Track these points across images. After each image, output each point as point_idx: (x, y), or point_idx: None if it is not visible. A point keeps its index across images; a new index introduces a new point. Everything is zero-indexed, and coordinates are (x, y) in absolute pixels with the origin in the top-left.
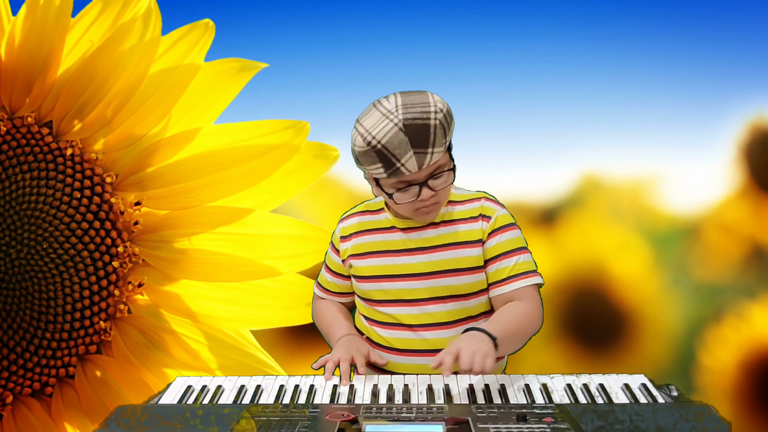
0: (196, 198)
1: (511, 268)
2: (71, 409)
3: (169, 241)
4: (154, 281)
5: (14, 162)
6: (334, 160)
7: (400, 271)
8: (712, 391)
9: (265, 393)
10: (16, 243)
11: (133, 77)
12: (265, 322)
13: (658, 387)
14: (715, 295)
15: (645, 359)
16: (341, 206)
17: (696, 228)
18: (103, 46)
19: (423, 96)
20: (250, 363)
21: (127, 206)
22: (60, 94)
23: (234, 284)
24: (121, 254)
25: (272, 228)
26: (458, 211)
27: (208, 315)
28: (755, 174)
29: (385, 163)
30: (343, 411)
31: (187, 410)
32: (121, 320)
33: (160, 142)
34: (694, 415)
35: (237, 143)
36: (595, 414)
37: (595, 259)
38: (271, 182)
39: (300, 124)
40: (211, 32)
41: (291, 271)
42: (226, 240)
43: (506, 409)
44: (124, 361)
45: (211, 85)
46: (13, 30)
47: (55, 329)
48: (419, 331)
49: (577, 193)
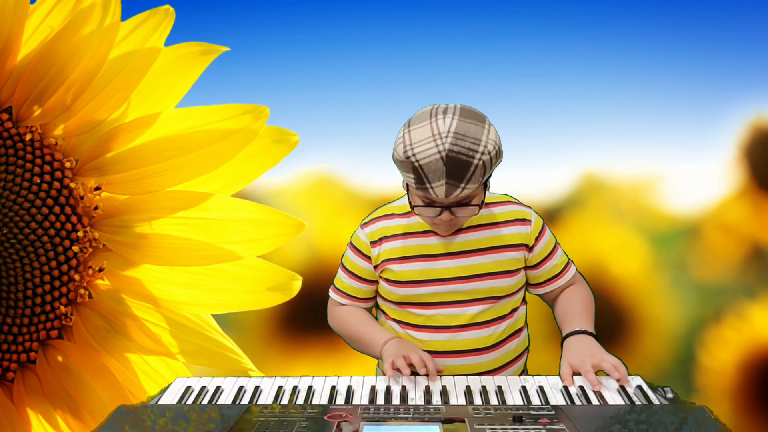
0: (157, 183)
1: (558, 264)
2: (33, 394)
3: (130, 225)
4: (114, 266)
5: None
6: (294, 145)
7: (441, 275)
8: (712, 391)
9: (263, 393)
10: None
11: (93, 63)
12: (226, 306)
13: (654, 388)
14: (715, 295)
15: (645, 359)
16: (341, 206)
17: (696, 228)
18: (62, 32)
19: (479, 129)
20: (212, 348)
21: (87, 191)
22: (19, 80)
23: (195, 269)
24: (82, 239)
25: (232, 212)
26: (498, 213)
27: (169, 300)
28: (755, 174)
29: (417, 179)
30: (341, 411)
31: (186, 410)
32: (82, 305)
33: (120, 127)
34: (689, 417)
35: (196, 128)
36: (590, 415)
37: (595, 259)
38: (230, 167)
39: (259, 108)
40: (171, 18)
41: (252, 255)
42: (186, 224)
43: (503, 410)
44: (86, 346)
45: (172, 69)
46: None
47: (16, 314)
48: (456, 333)
49: (578, 192)
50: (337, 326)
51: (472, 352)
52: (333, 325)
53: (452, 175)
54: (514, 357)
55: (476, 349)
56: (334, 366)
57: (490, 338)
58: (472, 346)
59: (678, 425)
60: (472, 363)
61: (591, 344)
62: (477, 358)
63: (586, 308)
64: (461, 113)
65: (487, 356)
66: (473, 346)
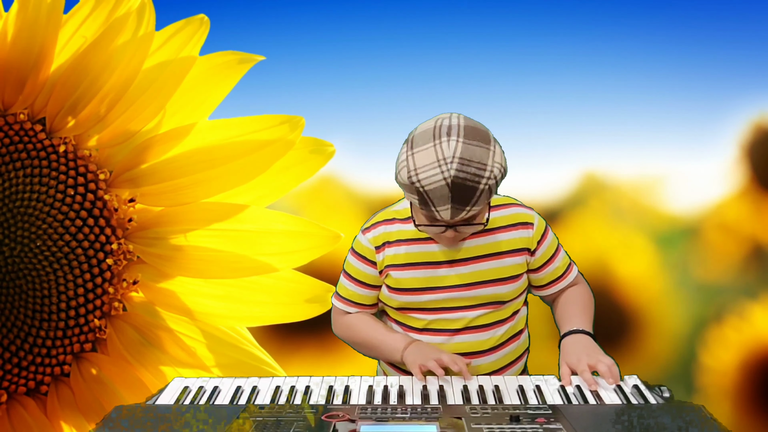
0: (191, 194)
1: (560, 267)
2: (67, 407)
3: (164, 238)
4: (149, 278)
5: (7, 159)
6: (330, 155)
7: (443, 282)
8: (713, 391)
9: (261, 393)
10: (9, 241)
11: (127, 73)
12: (261, 318)
13: (650, 388)
14: (716, 295)
15: (646, 359)
16: (341, 206)
17: (697, 228)
18: (96, 42)
19: (485, 152)
20: (247, 360)
21: (121, 203)
22: (53, 91)
23: (230, 281)
24: (116, 251)
25: (268, 224)
26: (500, 218)
27: (204, 312)
28: (758, 174)
29: (421, 201)
30: (338, 411)
31: (183, 410)
32: (116, 318)
33: (155, 138)
34: (686, 416)
35: (232, 139)
36: (587, 415)
37: (597, 259)
38: (266, 178)
39: (295, 119)
40: (206, 27)
41: (287, 267)
42: (221, 236)
43: (500, 409)
44: (120, 359)
45: (207, 78)
46: (5, 26)
47: (50, 327)
48: (456, 336)
49: (579, 193)
50: (345, 335)
51: (470, 355)
52: (341, 334)
53: (458, 200)
54: (514, 359)
55: (474, 352)
56: (329, 366)
57: (488, 341)
58: (470, 349)
59: (675, 424)
60: (472, 365)
61: (587, 343)
62: (477, 360)
63: (585, 308)
64: (465, 134)
65: (486, 359)
66: (471, 349)
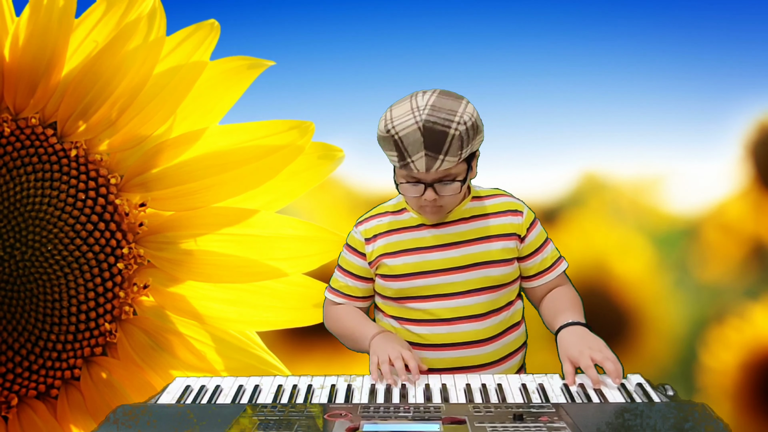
0: (201, 199)
1: (548, 258)
2: (77, 410)
3: (174, 242)
4: (159, 283)
5: (18, 163)
6: (339, 160)
7: (435, 266)
8: (713, 391)
9: (263, 393)
10: (20, 245)
11: (138, 77)
12: (271, 323)
13: (654, 387)
14: (717, 295)
15: (647, 359)
16: (342, 207)
17: (698, 228)
18: (107, 47)
19: (456, 103)
20: (257, 364)
21: (131, 207)
22: (64, 95)
23: (240, 285)
24: (126, 256)
25: (277, 229)
26: (488, 206)
27: (213, 316)
28: (761, 173)
29: (398, 154)
30: (340, 410)
31: (185, 410)
32: (127, 322)
33: (165, 143)
34: (690, 415)
35: (242, 144)
36: (591, 413)
37: (597, 259)
38: (276, 183)
39: (305, 124)
40: (217, 32)
41: (297, 272)
42: (231, 241)
43: (503, 408)
44: (130, 362)
45: (218, 83)
46: (17, 31)
47: (60, 331)
48: (454, 325)
49: (579, 192)
50: (331, 325)
51: (470, 344)
52: (328, 325)
53: (430, 146)
54: (513, 350)
55: (474, 341)
56: (339, 371)
57: (487, 330)
58: (469, 338)
59: (678, 422)
60: (470, 355)
61: (586, 335)
62: (475, 350)
63: (575, 304)
64: (440, 92)
65: (485, 348)
66: (471, 338)
